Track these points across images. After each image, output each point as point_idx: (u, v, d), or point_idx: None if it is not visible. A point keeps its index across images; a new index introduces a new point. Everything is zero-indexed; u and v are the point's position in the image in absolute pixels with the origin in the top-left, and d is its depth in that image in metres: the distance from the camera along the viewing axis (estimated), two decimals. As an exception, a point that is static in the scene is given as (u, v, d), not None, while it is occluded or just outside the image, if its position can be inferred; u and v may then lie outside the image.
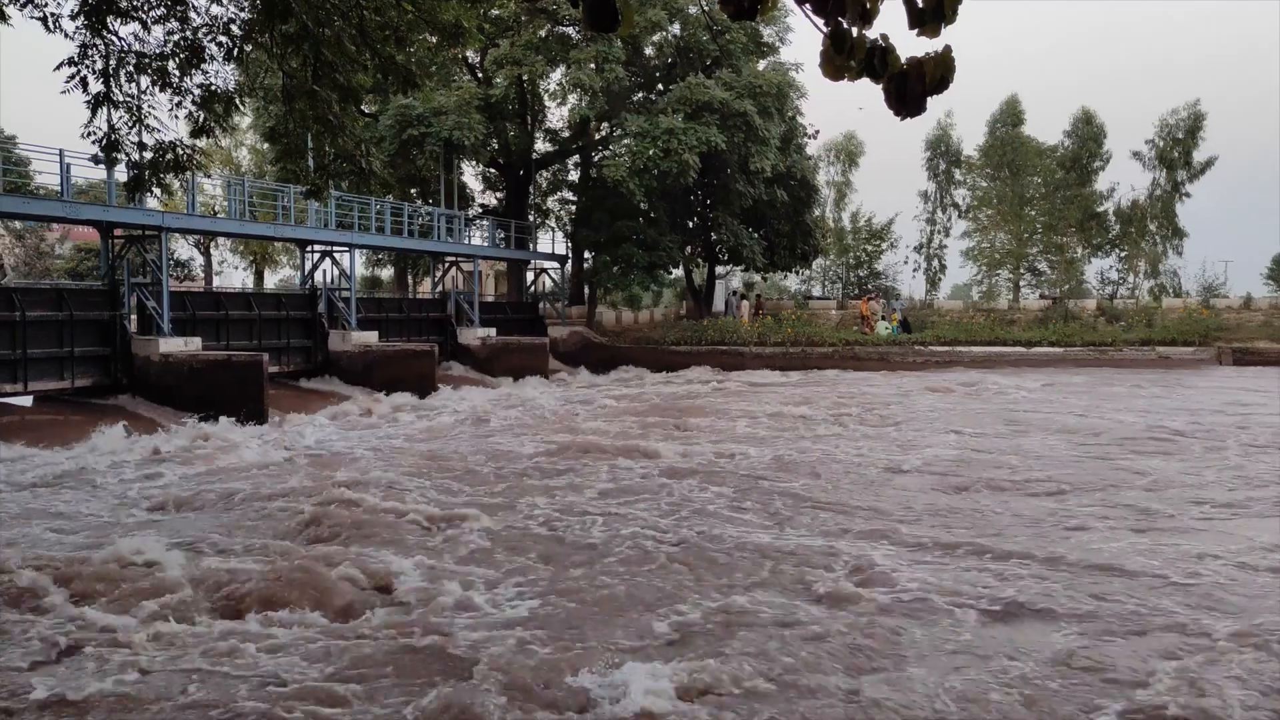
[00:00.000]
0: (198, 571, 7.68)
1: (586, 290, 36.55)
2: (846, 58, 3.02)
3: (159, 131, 9.23)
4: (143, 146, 9.18)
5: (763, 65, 34.32)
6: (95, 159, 9.50)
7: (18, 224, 41.07)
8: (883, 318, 35.49)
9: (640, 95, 34.26)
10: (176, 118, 9.29)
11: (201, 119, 9.10)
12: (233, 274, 48.47)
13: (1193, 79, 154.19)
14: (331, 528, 9.28)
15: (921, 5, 2.93)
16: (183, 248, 42.09)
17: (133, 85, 9.08)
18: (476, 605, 7.05)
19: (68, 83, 8.74)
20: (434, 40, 11.20)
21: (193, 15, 9.03)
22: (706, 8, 30.40)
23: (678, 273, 39.93)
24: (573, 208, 37.73)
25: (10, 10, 9.13)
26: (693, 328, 33.60)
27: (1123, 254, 42.75)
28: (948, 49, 3.01)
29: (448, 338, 28.22)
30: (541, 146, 36.34)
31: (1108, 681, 5.63)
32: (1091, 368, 28.59)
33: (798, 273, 44.55)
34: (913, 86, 3.03)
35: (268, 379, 18.03)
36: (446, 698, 5.45)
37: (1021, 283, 44.85)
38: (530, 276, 36.05)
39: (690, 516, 9.85)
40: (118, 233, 18.80)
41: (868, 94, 31.28)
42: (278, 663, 5.95)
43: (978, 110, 44.65)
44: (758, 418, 17.96)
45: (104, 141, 9.01)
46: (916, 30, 2.97)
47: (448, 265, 30.94)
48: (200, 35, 8.97)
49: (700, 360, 31.29)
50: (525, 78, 31.58)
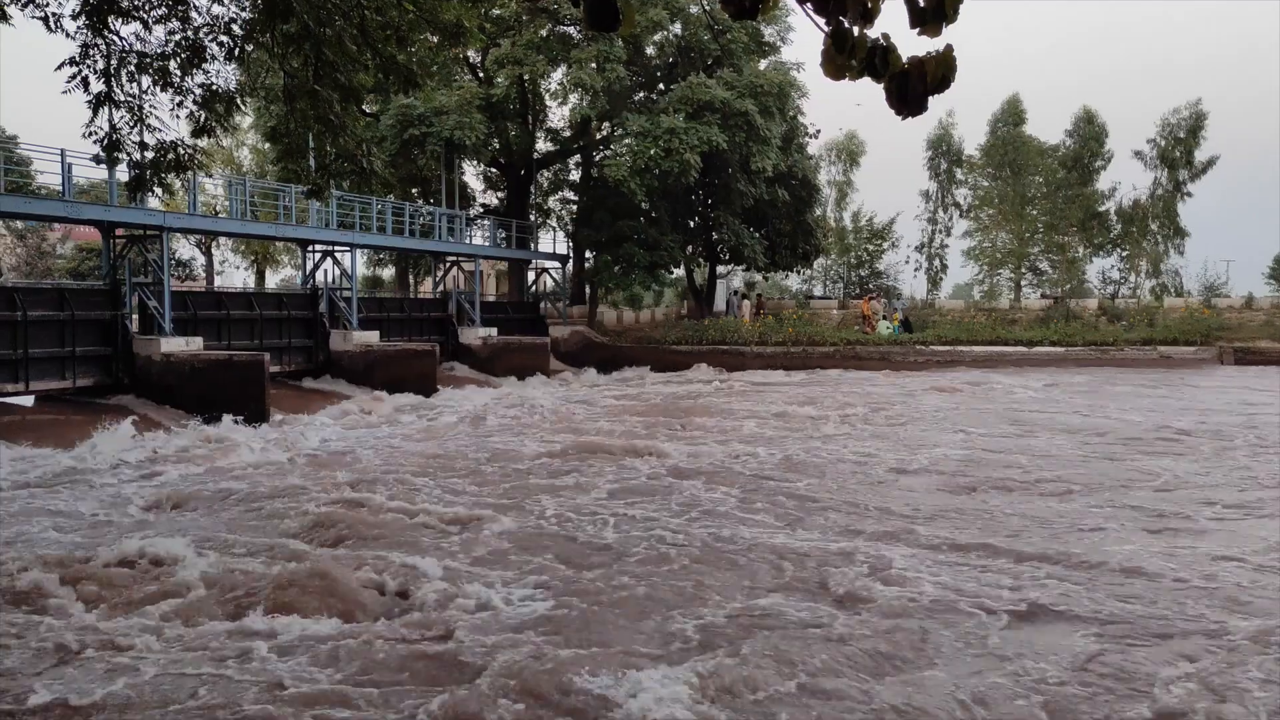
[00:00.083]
0: (203, 572, 7.65)
1: (588, 290, 36.55)
2: (848, 57, 3.01)
3: (160, 131, 9.21)
4: (144, 146, 9.16)
5: (764, 65, 34.32)
6: (96, 159, 9.50)
7: (19, 224, 41.15)
8: (884, 317, 35.47)
9: (641, 95, 34.24)
10: (178, 117, 9.28)
11: (203, 119, 9.08)
12: (234, 274, 48.63)
13: (1193, 79, 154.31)
14: (337, 528, 9.27)
15: (923, 4, 2.92)
16: (184, 247, 42.22)
17: (134, 85, 9.06)
18: (489, 607, 6.98)
19: (69, 83, 8.72)
20: (435, 40, 11.19)
21: (194, 15, 9.02)
22: (708, 7, 30.39)
23: (679, 272, 39.92)
24: (574, 207, 37.73)
25: (11, 10, 9.14)
26: (694, 327, 33.58)
27: (1124, 253, 42.75)
28: (949, 48, 3.00)
29: (449, 337, 28.22)
30: (543, 146, 36.34)
31: (1130, 686, 5.58)
32: (1093, 367, 28.56)
33: (799, 272, 44.54)
34: (914, 86, 3.02)
35: (269, 379, 18.03)
36: (460, 703, 5.37)
37: (1023, 282, 44.84)
38: (531, 276, 36.05)
39: (701, 517, 9.80)
40: (119, 232, 18.80)
41: (869, 93, 31.24)
42: (287, 666, 5.90)
43: (979, 110, 44.67)
44: (764, 418, 17.93)
45: (105, 141, 8.99)
46: (918, 29, 2.96)
47: (449, 265, 30.95)
48: (201, 35, 8.95)
49: (701, 360, 31.27)
50: (526, 77, 31.60)
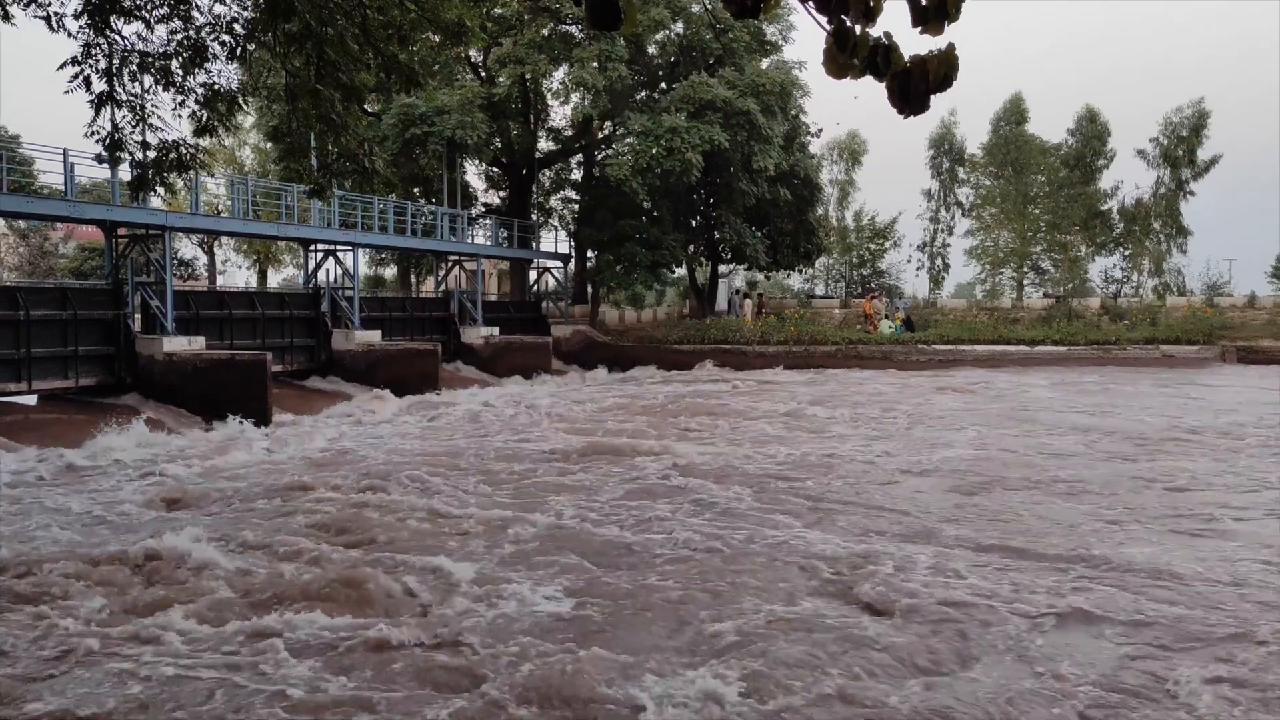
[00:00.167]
0: (210, 573, 7.64)
1: (589, 289, 36.57)
2: (850, 56, 3.01)
3: (162, 131, 9.24)
4: (146, 146, 9.19)
5: (766, 63, 34.30)
6: (99, 158, 9.55)
7: (22, 223, 41.20)
8: (886, 316, 35.46)
9: (643, 94, 34.22)
10: (180, 117, 9.32)
11: (205, 118, 9.10)
12: (236, 273, 48.67)
13: (1193, 79, 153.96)
14: (346, 528, 9.25)
15: (925, 3, 2.92)
16: (186, 247, 42.24)
17: (136, 85, 9.08)
18: (509, 610, 6.82)
19: (71, 82, 8.75)
20: (437, 39, 11.20)
21: (196, 14, 9.05)
22: (709, 6, 30.41)
23: (681, 272, 39.94)
24: (576, 206, 37.74)
25: (14, 10, 9.15)
26: (696, 327, 33.59)
27: (1127, 252, 42.73)
28: (951, 46, 3.00)
29: (451, 337, 28.22)
30: (544, 145, 36.33)
31: (1163, 692, 5.49)
32: (1096, 366, 28.51)
33: (801, 272, 44.53)
34: (916, 84, 3.02)
35: (271, 378, 18.03)
36: (480, 711, 5.26)
37: (1025, 281, 44.83)
38: (533, 275, 36.06)
39: (720, 518, 9.69)
40: (121, 232, 18.82)
41: (870, 92, 31.28)
42: (299, 671, 5.78)
43: (979, 110, 44.81)
44: (773, 417, 17.89)
45: (107, 141, 9.02)
46: (920, 28, 2.96)
47: (451, 264, 30.96)
48: (203, 34, 8.98)
49: (703, 359, 31.29)
50: (528, 76, 31.61)
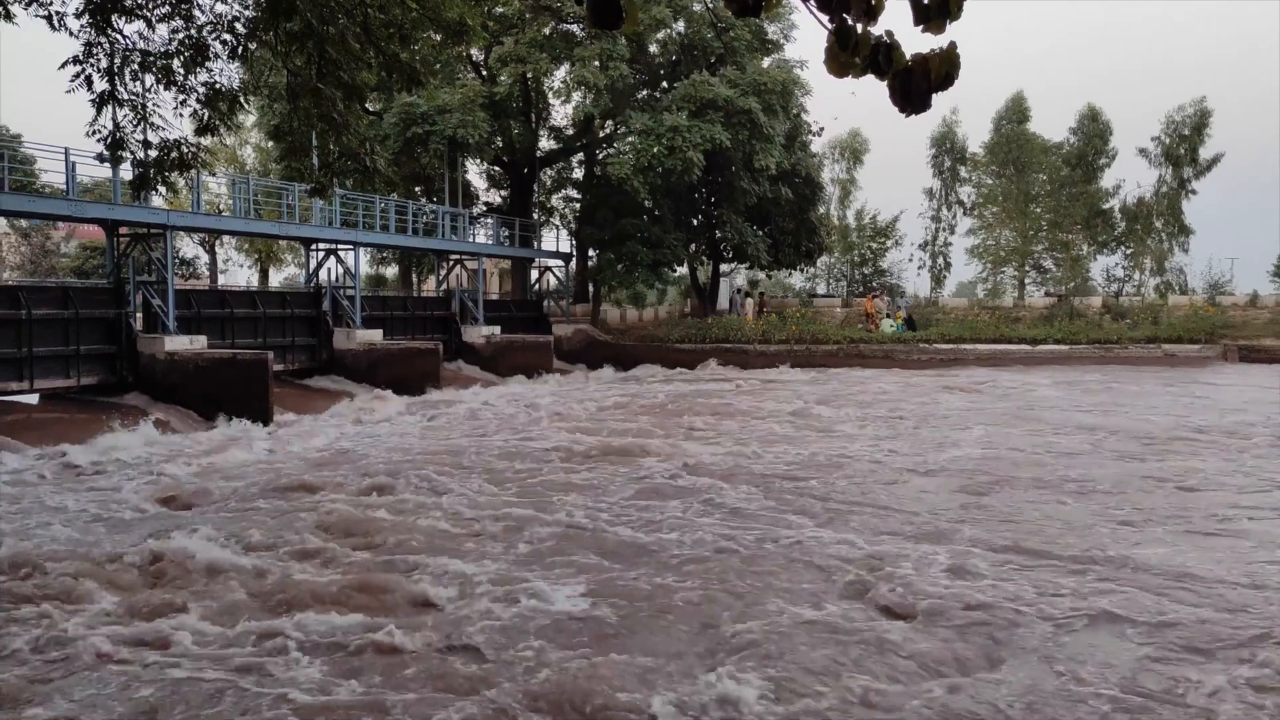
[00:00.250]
0: (213, 573, 7.63)
1: (591, 288, 36.57)
2: (851, 54, 3.01)
3: (164, 130, 9.24)
4: (148, 145, 9.19)
5: (767, 62, 34.27)
6: (100, 157, 9.54)
7: (24, 222, 41.23)
8: (887, 315, 35.44)
9: (644, 93, 34.21)
10: (181, 116, 9.31)
11: (206, 117, 9.10)
12: (238, 272, 48.73)
13: (1193, 79, 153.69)
14: (352, 528, 9.22)
15: (926, 1, 2.92)
16: (188, 246, 42.27)
17: (137, 83, 9.08)
18: (523, 611, 6.75)
19: (72, 81, 8.75)
20: (438, 38, 11.20)
21: (197, 13, 9.04)
22: (711, 4, 30.38)
23: (682, 270, 39.91)
24: (577, 205, 37.73)
25: (15, 9, 9.15)
26: (697, 326, 33.59)
27: (1128, 251, 42.71)
28: (952, 45, 2.99)
29: (452, 336, 28.22)
30: (546, 144, 36.33)
31: (1185, 695, 5.45)
32: (1098, 365, 28.49)
33: (802, 270, 44.52)
34: (918, 83, 3.02)
35: (273, 377, 18.05)
36: (491, 716, 5.20)
37: (1027, 280, 44.81)
38: (535, 274, 36.07)
39: (731, 518, 9.63)
40: (123, 231, 18.83)
41: (871, 90, 31.24)
42: (310, 674, 5.74)
43: (979, 110, 44.83)
44: (779, 416, 17.87)
45: (109, 140, 9.02)
46: (921, 27, 2.96)
47: (452, 263, 30.96)
48: (205, 33, 8.97)
49: (706, 358, 31.29)
50: (529, 75, 31.60)
